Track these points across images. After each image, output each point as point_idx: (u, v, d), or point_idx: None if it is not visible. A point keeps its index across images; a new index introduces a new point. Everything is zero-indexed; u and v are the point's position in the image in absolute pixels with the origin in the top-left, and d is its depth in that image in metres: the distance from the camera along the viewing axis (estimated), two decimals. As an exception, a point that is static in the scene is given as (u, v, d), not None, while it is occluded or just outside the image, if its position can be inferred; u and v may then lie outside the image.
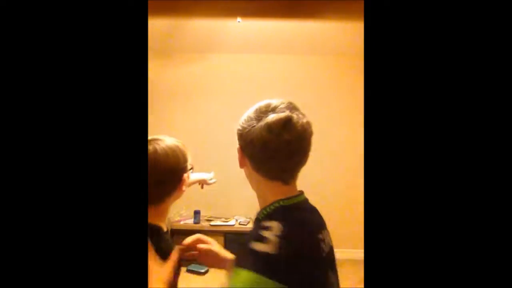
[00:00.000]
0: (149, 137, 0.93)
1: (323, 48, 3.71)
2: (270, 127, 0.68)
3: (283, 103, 0.73)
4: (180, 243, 0.94)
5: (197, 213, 3.62)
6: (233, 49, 3.79)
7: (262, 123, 0.70)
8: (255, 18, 3.04)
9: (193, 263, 3.45)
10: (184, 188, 0.98)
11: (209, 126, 3.82)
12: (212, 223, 3.67)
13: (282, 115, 0.69)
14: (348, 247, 3.87)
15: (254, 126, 0.70)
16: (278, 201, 0.73)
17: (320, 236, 0.72)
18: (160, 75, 3.84)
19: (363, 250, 3.88)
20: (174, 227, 3.56)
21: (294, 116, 0.70)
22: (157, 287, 0.77)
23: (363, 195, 0.91)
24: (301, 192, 0.78)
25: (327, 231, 0.78)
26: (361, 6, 1.19)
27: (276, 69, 3.88)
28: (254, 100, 3.08)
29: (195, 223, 3.59)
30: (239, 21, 3.07)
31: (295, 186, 0.78)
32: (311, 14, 2.98)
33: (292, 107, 0.73)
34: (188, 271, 3.39)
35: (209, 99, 3.87)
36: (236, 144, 0.78)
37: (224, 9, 2.86)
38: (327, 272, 0.70)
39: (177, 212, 3.76)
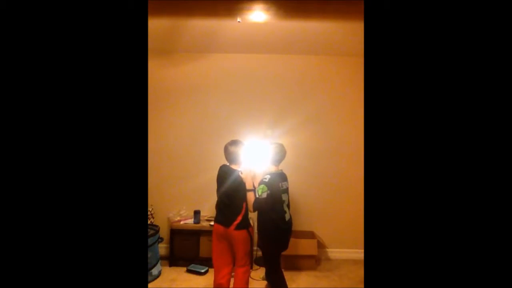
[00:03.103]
0: (236, 139, 2.58)
1: (323, 48, 3.71)
2: (276, 147, 2.61)
3: (279, 143, 2.67)
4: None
5: (197, 213, 3.62)
6: (233, 49, 3.79)
7: (273, 146, 2.63)
8: (256, 18, 3.04)
9: (193, 263, 3.45)
10: None
11: (209, 126, 3.82)
12: (212, 223, 3.66)
13: (279, 144, 2.65)
14: (348, 247, 3.87)
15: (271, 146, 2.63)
16: (271, 171, 2.53)
17: (281, 182, 2.48)
18: (160, 74, 3.85)
19: (363, 250, 3.88)
20: (174, 227, 3.56)
21: (283, 145, 2.64)
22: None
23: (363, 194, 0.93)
24: (280, 169, 2.61)
25: (286, 182, 2.59)
26: (361, 6, 1.19)
27: (276, 69, 3.89)
28: (254, 100, 3.10)
29: (195, 223, 3.59)
30: (239, 21, 3.07)
31: (278, 167, 2.60)
32: (311, 14, 2.99)
33: (281, 144, 2.66)
34: (188, 271, 3.39)
35: (209, 99, 3.87)
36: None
37: (224, 9, 2.87)
38: (281, 194, 2.46)
39: (177, 212, 3.76)
